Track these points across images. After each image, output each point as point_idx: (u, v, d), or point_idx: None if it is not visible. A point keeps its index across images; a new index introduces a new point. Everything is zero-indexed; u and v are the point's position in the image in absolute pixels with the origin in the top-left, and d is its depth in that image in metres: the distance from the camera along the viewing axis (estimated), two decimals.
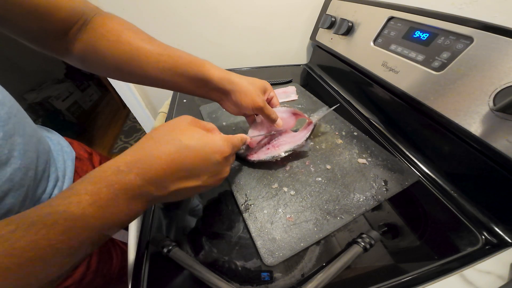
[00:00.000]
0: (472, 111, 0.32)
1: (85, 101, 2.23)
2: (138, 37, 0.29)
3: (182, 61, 0.31)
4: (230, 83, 0.33)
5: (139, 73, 0.30)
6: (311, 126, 0.43)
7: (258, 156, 0.39)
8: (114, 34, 0.28)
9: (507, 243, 0.30)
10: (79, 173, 0.40)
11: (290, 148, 0.39)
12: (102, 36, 0.28)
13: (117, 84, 0.86)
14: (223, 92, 0.35)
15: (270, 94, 0.40)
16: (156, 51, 0.30)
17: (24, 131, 0.28)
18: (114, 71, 0.31)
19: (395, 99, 0.48)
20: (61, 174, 0.35)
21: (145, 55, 0.29)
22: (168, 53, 0.30)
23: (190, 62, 0.32)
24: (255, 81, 0.36)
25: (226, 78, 0.33)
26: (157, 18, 0.70)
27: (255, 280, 0.27)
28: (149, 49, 0.29)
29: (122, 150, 1.76)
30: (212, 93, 0.35)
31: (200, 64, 0.32)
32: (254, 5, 0.73)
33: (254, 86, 0.35)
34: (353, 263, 0.27)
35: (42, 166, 0.30)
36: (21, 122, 0.28)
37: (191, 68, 0.32)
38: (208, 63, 0.33)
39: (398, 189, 0.36)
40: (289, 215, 0.33)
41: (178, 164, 0.22)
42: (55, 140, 0.38)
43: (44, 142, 0.33)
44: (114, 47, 0.28)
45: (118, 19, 0.30)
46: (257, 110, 0.35)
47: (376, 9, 0.51)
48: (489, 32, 0.31)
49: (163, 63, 0.30)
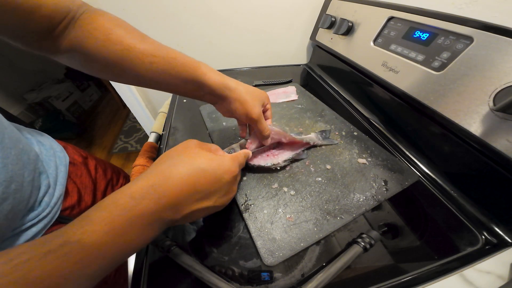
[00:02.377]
0: (472, 111, 0.32)
1: (85, 101, 2.23)
2: (129, 36, 0.27)
3: (176, 63, 0.30)
4: (226, 89, 0.32)
5: (131, 74, 0.29)
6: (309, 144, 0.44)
7: (258, 161, 0.39)
8: (103, 32, 0.26)
9: (507, 243, 0.30)
10: (72, 178, 0.39)
11: (289, 157, 0.40)
12: (90, 35, 0.26)
13: (117, 84, 0.86)
14: (218, 97, 0.33)
15: (266, 106, 0.38)
16: (149, 51, 0.28)
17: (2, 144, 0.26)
18: (104, 72, 0.29)
19: (395, 99, 0.48)
20: (52, 180, 0.33)
21: (137, 55, 0.27)
22: (161, 54, 0.29)
23: (185, 64, 0.30)
24: (254, 90, 0.35)
25: (222, 83, 0.32)
26: (157, 18, 0.70)
27: (255, 280, 0.27)
28: (141, 48, 0.27)
29: (122, 150, 1.77)
30: (206, 97, 0.34)
31: (196, 67, 0.31)
32: (254, 5, 0.73)
33: (252, 96, 0.33)
34: (353, 263, 0.27)
35: (30, 176, 0.29)
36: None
37: (186, 71, 0.30)
38: (204, 66, 0.31)
39: (398, 189, 0.36)
40: (289, 215, 0.33)
41: (193, 186, 0.22)
42: (48, 145, 0.37)
43: (29, 151, 0.31)
44: (103, 46, 0.26)
45: (107, 15, 0.28)
46: (250, 121, 0.34)
47: (376, 9, 0.51)
48: (489, 32, 0.31)
49: (156, 64, 0.28)
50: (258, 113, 0.33)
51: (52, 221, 0.32)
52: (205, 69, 0.31)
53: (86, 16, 0.26)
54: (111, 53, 0.27)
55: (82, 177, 0.42)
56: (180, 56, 0.30)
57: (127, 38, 0.27)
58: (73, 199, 0.37)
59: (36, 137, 0.36)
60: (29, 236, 0.29)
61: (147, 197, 0.20)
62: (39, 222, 0.31)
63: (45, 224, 0.31)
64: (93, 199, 0.42)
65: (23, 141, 0.31)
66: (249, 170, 0.40)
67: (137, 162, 0.46)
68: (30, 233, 0.29)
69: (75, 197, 0.38)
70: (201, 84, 0.31)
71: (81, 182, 0.41)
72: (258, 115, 0.33)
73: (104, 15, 0.28)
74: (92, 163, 0.47)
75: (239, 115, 0.34)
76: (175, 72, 0.30)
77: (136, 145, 1.81)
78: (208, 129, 0.51)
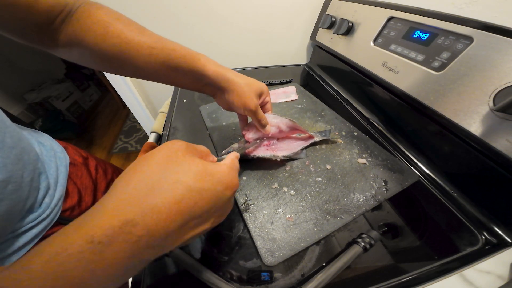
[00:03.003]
0: (472, 111, 0.32)
1: (85, 101, 2.23)
2: (128, 29, 0.27)
3: (176, 54, 0.29)
4: (225, 81, 0.32)
5: (130, 67, 0.29)
6: (310, 140, 0.44)
7: (257, 152, 0.39)
8: (102, 26, 0.26)
9: (507, 243, 0.30)
10: (73, 179, 0.39)
11: (287, 154, 0.40)
12: (89, 28, 0.26)
13: (117, 84, 0.86)
14: (217, 88, 0.33)
15: (266, 99, 0.38)
16: (148, 44, 0.28)
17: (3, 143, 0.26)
18: (103, 64, 0.29)
19: (395, 99, 0.48)
20: (53, 181, 0.33)
21: (136, 48, 0.27)
22: (160, 46, 0.29)
23: (184, 56, 0.30)
24: (252, 82, 0.35)
25: (222, 74, 0.32)
26: (157, 18, 0.70)
27: (255, 280, 0.27)
28: (140, 41, 0.27)
29: (122, 150, 1.77)
30: (206, 88, 0.34)
31: (195, 58, 0.31)
32: (254, 5, 0.73)
33: (250, 87, 0.33)
34: (353, 263, 0.27)
35: (28, 176, 0.29)
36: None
37: (185, 62, 0.30)
38: (203, 57, 0.31)
39: (398, 189, 0.36)
40: (289, 215, 0.33)
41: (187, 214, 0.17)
42: (48, 145, 0.36)
43: (30, 151, 0.31)
44: (101, 40, 0.26)
45: (105, 9, 0.28)
46: (248, 112, 0.34)
47: (376, 9, 0.51)
48: (489, 32, 0.31)
49: (155, 56, 0.28)
50: (255, 104, 0.33)
51: (52, 222, 0.32)
52: (205, 60, 0.31)
53: (83, 10, 0.26)
54: (110, 46, 0.27)
55: (82, 178, 0.42)
56: (179, 47, 0.30)
57: (125, 31, 0.27)
58: (73, 200, 0.37)
59: (37, 138, 0.36)
60: (29, 237, 0.29)
61: (118, 240, 0.14)
62: (39, 224, 0.30)
63: (45, 225, 0.31)
64: (94, 199, 0.42)
65: (24, 141, 0.31)
66: (249, 165, 0.40)
67: None
68: (30, 234, 0.29)
69: (75, 198, 0.38)
70: (200, 75, 0.31)
71: (82, 182, 0.41)
72: (255, 106, 0.33)
73: (101, 8, 0.28)
74: (93, 163, 0.47)
75: (237, 106, 0.34)
76: (174, 63, 0.30)
77: (136, 145, 1.81)
78: (208, 129, 0.51)
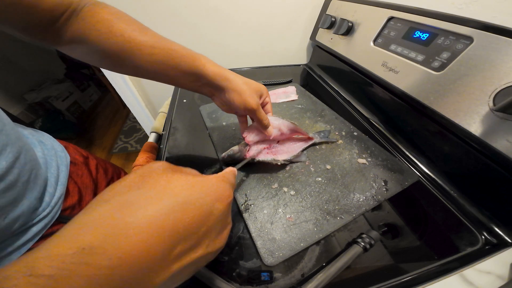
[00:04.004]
0: (472, 111, 0.32)
1: (85, 101, 2.23)
2: (131, 28, 0.28)
3: (176, 54, 0.30)
4: (224, 80, 0.32)
5: (131, 65, 0.30)
6: (310, 141, 0.44)
7: (258, 156, 0.39)
8: (105, 25, 0.27)
9: (507, 243, 0.30)
10: (73, 178, 0.39)
11: (287, 158, 0.39)
12: (93, 27, 0.26)
13: (117, 84, 0.86)
14: (216, 88, 0.33)
15: (266, 99, 0.38)
16: (149, 43, 0.29)
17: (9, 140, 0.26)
18: (105, 62, 0.30)
19: (395, 99, 0.48)
20: (53, 180, 0.34)
21: (137, 47, 0.28)
22: (161, 45, 0.30)
23: (184, 56, 0.31)
24: (251, 82, 0.35)
25: (221, 74, 0.32)
26: (157, 18, 0.70)
27: (255, 280, 0.27)
28: (141, 40, 0.28)
29: (122, 150, 1.77)
30: (204, 88, 0.34)
31: (195, 58, 0.31)
32: (254, 5, 0.73)
33: (249, 87, 0.34)
34: (353, 263, 0.27)
35: (25, 176, 0.29)
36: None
37: (185, 62, 0.31)
38: (203, 57, 0.32)
39: (398, 189, 0.36)
40: (289, 215, 0.33)
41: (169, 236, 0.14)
42: (49, 145, 0.37)
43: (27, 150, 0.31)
44: (105, 38, 0.27)
45: (109, 8, 0.29)
46: (249, 111, 0.34)
47: (376, 9, 0.51)
48: (489, 32, 0.31)
49: (156, 56, 0.29)
50: (256, 102, 0.33)
51: (52, 220, 0.32)
52: (204, 60, 0.32)
53: (88, 9, 0.27)
54: (113, 45, 0.27)
55: (83, 177, 0.42)
56: (179, 48, 0.31)
57: (128, 31, 0.28)
58: (73, 199, 0.37)
59: (38, 137, 0.36)
60: (30, 236, 0.29)
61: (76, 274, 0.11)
62: (39, 222, 0.31)
63: (46, 223, 0.31)
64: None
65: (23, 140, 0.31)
66: (249, 170, 0.40)
67: (137, 162, 0.46)
68: (30, 232, 0.30)
69: (75, 197, 0.38)
70: (199, 74, 0.32)
71: (82, 182, 0.41)
72: (256, 105, 0.33)
73: (106, 8, 0.28)
74: (93, 163, 0.47)
75: (237, 105, 0.33)
76: (174, 63, 0.30)
77: (136, 145, 1.81)
78: (208, 129, 0.51)
